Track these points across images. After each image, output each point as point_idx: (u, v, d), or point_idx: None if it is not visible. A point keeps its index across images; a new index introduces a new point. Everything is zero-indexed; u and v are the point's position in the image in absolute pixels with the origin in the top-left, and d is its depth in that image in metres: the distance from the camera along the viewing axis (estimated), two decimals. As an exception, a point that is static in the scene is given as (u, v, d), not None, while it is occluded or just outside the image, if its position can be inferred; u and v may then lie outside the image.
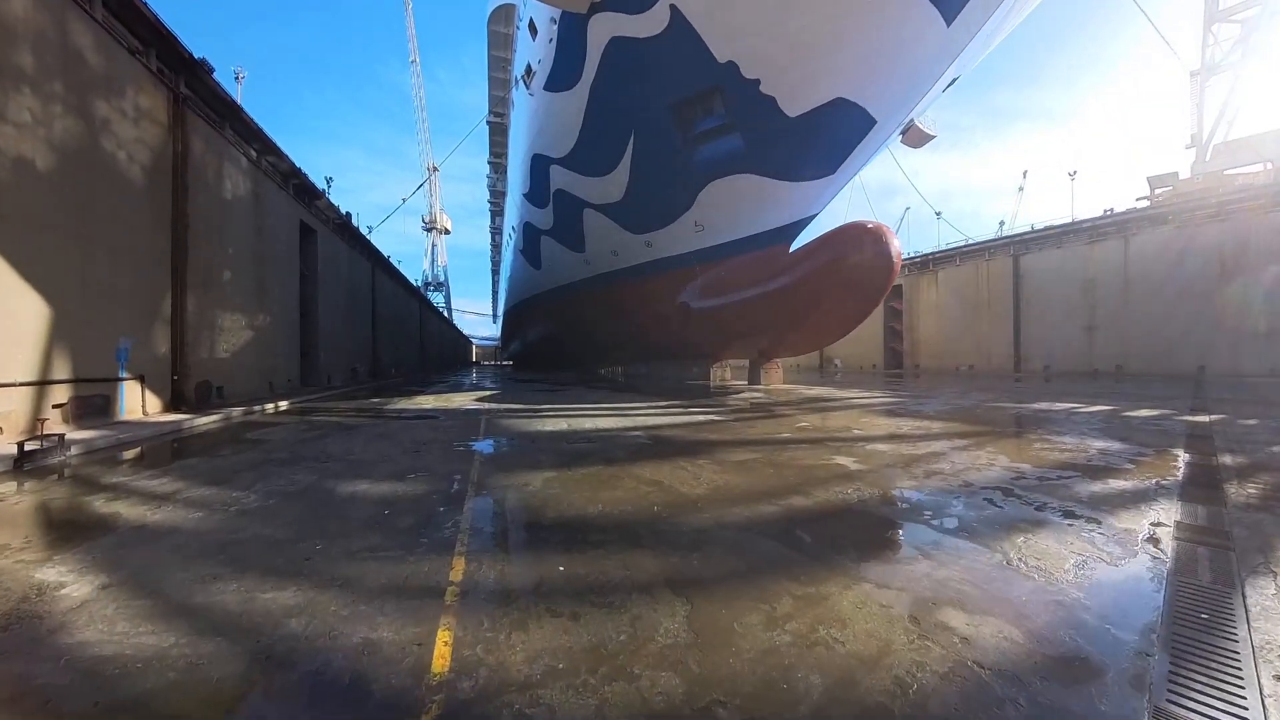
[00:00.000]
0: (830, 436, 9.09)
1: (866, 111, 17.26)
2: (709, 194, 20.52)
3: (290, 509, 4.59)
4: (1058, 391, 19.50)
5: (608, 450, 7.58)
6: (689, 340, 24.95)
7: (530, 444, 8.16)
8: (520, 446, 7.94)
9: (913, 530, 4.20)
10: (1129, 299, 34.50)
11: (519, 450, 7.62)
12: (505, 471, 6.15)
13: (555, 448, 7.74)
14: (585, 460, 6.83)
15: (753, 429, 9.91)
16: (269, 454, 7.25)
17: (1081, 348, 37.12)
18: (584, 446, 7.87)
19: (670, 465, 6.54)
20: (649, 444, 8.14)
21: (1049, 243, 40.83)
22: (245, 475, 5.92)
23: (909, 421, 10.91)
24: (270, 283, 17.77)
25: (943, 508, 4.74)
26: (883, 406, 14.28)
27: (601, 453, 7.39)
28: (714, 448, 7.83)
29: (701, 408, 13.76)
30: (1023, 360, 41.24)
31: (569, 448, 7.77)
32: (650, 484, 5.60)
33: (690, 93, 18.33)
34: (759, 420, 11.23)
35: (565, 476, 5.90)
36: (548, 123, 23.25)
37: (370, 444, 8.07)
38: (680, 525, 4.25)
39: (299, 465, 6.40)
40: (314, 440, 8.50)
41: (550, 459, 6.87)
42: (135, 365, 11.74)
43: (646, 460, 6.89)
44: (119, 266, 11.32)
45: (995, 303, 43.67)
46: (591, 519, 4.38)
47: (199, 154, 13.98)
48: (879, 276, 19.33)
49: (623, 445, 8.00)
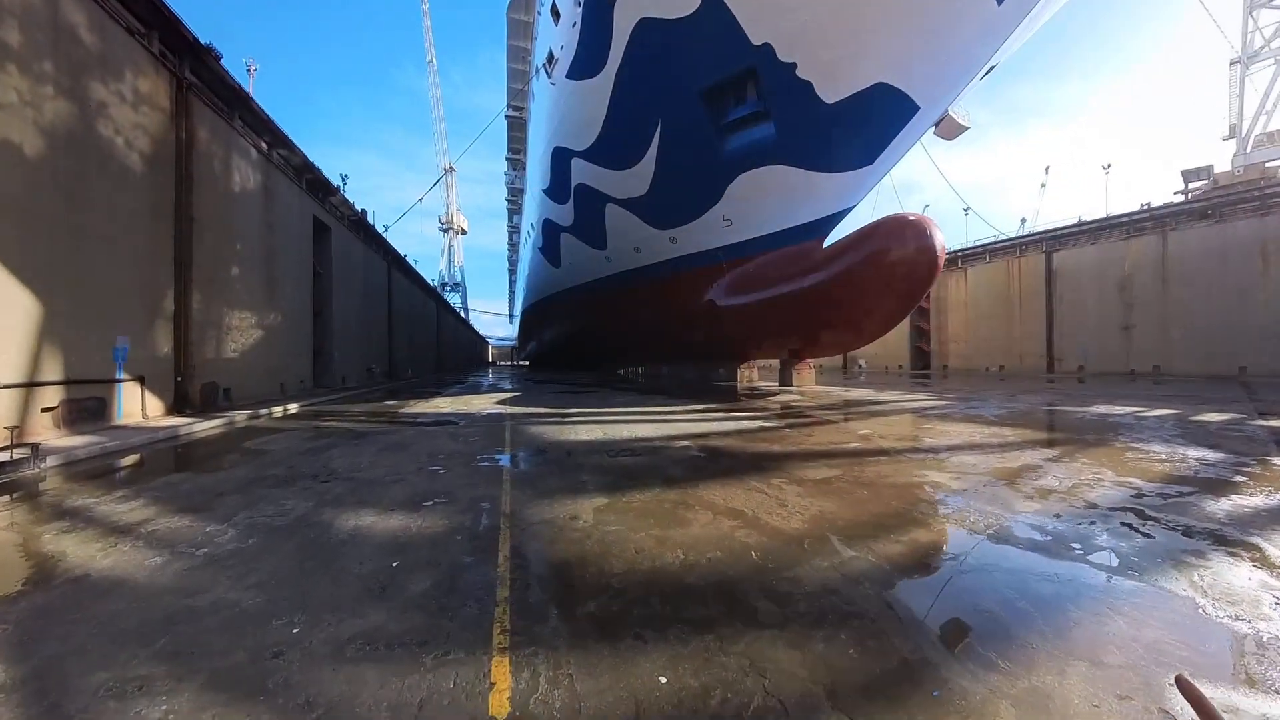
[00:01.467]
0: (904, 447, 7.99)
1: (909, 97, 16.11)
2: (738, 187, 19.44)
3: (271, 555, 3.56)
4: (1105, 394, 18.22)
5: (659, 466, 6.50)
6: (715, 339, 23.85)
7: (565, 457, 7.10)
8: (555, 461, 6.90)
9: (1078, 574, 3.41)
10: (1167, 297, 33.06)
11: (554, 466, 6.59)
12: (543, 497, 5.08)
13: (596, 463, 6.69)
14: (637, 480, 5.75)
15: (811, 438, 8.82)
16: (264, 469, 6.30)
17: (1117, 348, 35.67)
18: (629, 461, 6.79)
19: (742, 487, 5.45)
20: (704, 458, 7.06)
21: (1083, 238, 39.14)
22: (230, 500, 4.94)
23: (975, 428, 9.93)
24: (282, 280, 16.97)
25: (1086, 539, 3.99)
26: (935, 411, 13.11)
27: (652, 469, 6.31)
28: (781, 463, 6.73)
29: (743, 412, 12.65)
30: (1056, 361, 39.72)
31: (612, 462, 6.70)
32: (730, 515, 4.52)
33: (722, 78, 17.28)
34: (813, 427, 10.11)
35: (620, 505, 4.82)
36: (570, 113, 22.25)
37: (381, 457, 7.09)
38: (798, 583, 3.19)
39: (295, 486, 5.43)
40: (318, 452, 7.53)
41: (595, 479, 5.81)
42: (134, 366, 10.91)
43: (710, 480, 5.80)
44: (116, 260, 10.49)
45: (1027, 301, 42.21)
46: (675, 575, 3.29)
47: (204, 144, 13.16)
48: (922, 272, 18.04)
49: (674, 459, 6.91)
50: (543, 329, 47.44)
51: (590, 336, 36.44)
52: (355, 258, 25.10)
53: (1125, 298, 35.23)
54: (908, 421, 11.13)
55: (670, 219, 22.16)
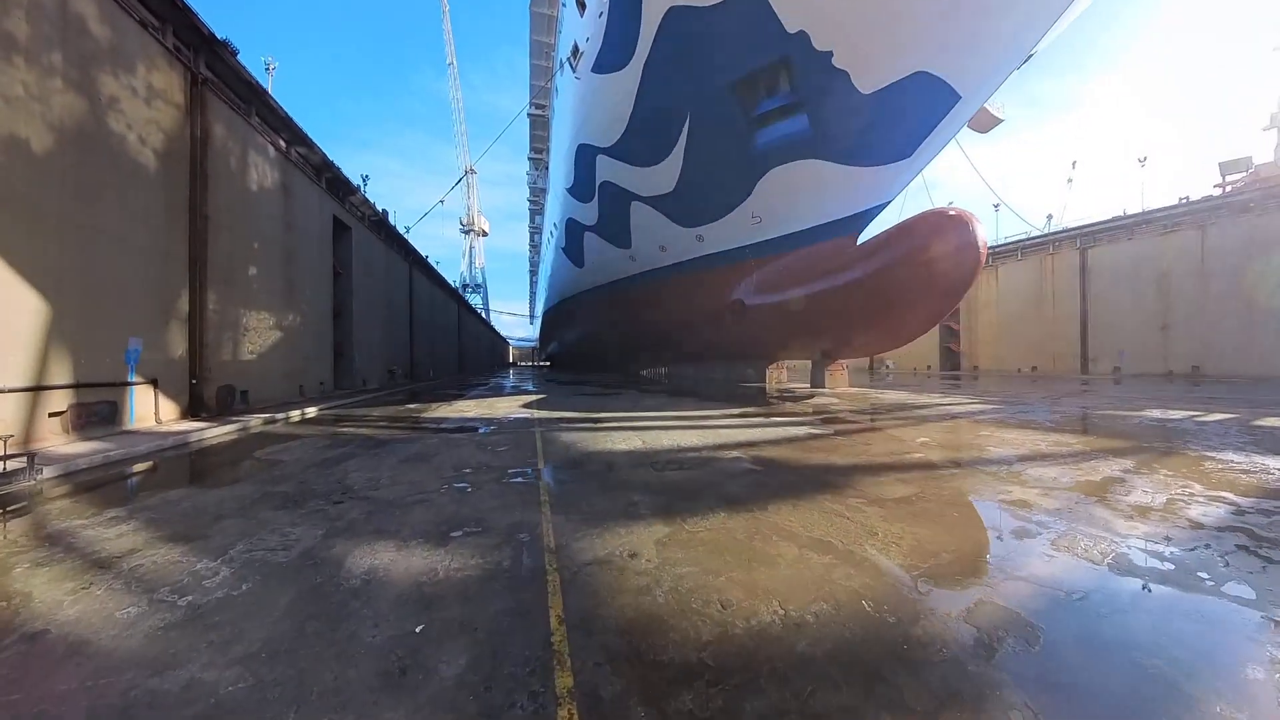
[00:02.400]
0: (971, 458, 7.18)
1: (950, 86, 15.25)
2: (769, 182, 18.73)
3: (266, 609, 2.87)
4: (1150, 396, 17.21)
5: (714, 482, 5.74)
6: (743, 340, 23.13)
7: (607, 471, 6.34)
8: (596, 476, 6.14)
9: (1224, 614, 2.94)
10: (1207, 294, 31.70)
11: (596, 483, 5.83)
12: (591, 525, 4.31)
13: (643, 479, 5.93)
14: (695, 501, 4.98)
15: (869, 447, 7.99)
16: (273, 484, 5.67)
17: (1154, 348, 34.32)
18: (679, 476, 6.03)
19: (818, 510, 4.69)
20: (761, 472, 6.28)
21: (1119, 234, 37.56)
22: (228, 525, 4.29)
23: (1035, 435, 9.14)
24: (300, 281, 16.55)
25: (1209, 566, 3.57)
26: (984, 416, 12.21)
27: (708, 486, 5.55)
28: (849, 478, 5.96)
29: (783, 416, 11.82)
30: (1090, 361, 38.43)
31: (661, 478, 5.94)
32: (817, 548, 3.78)
33: (754, 68, 16.58)
34: (865, 434, 9.27)
35: (685, 536, 4.06)
36: (595, 109, 21.63)
37: (402, 470, 6.41)
38: (934, 645, 2.49)
39: (304, 508, 4.76)
40: (333, 464, 6.86)
41: (646, 499, 5.05)
42: (147, 368, 10.48)
43: (777, 500, 5.03)
44: (128, 259, 10.05)
45: (1060, 300, 40.84)
46: (781, 641, 2.54)
47: (220, 140, 12.74)
48: (964, 270, 17.17)
49: (728, 474, 6.15)
50: (564, 330, 46.98)
51: (613, 337, 35.85)
52: (376, 258, 24.73)
53: (1163, 295, 33.90)
54: (962, 428, 10.28)
55: (697, 216, 21.52)
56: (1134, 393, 19.33)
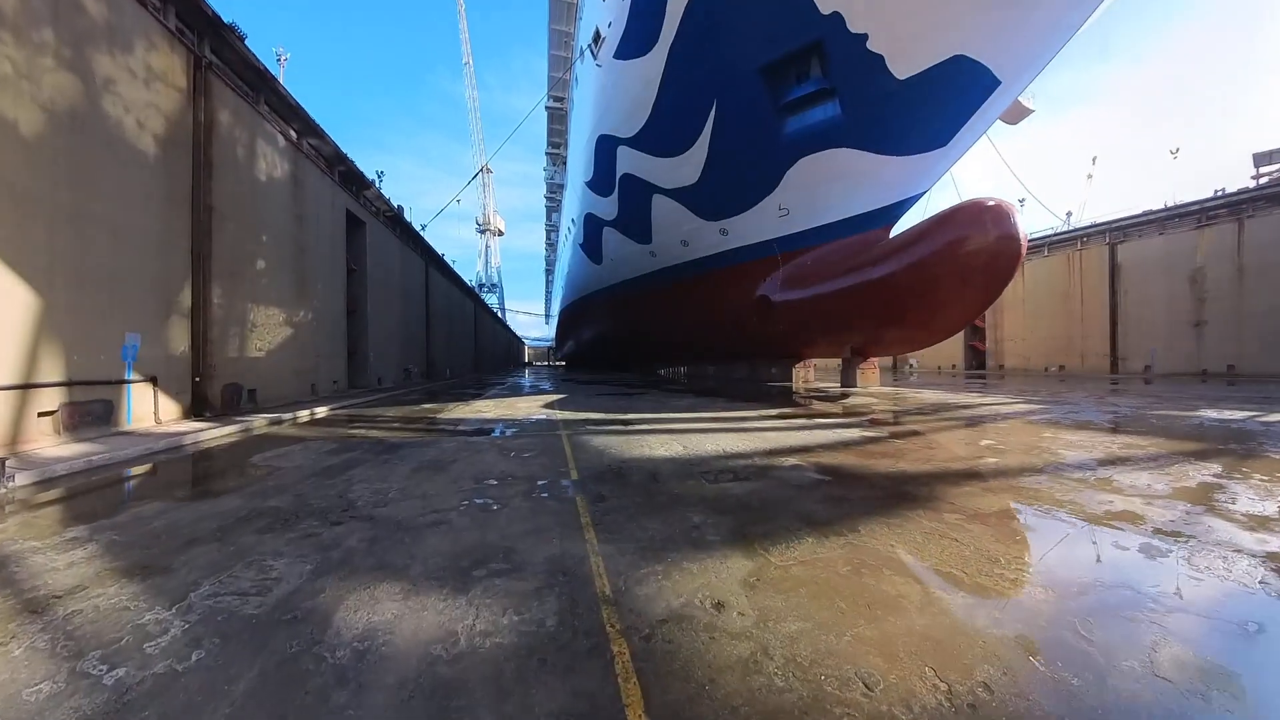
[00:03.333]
0: (1046, 462, 6.44)
1: (990, 72, 14.33)
2: (798, 173, 17.84)
3: (211, 702, 2.02)
4: (1197, 396, 16.22)
5: (784, 497, 4.84)
6: (768, 337, 22.17)
7: (652, 482, 5.47)
8: (641, 488, 5.29)
9: None
10: (1243, 291, 30.29)
11: (643, 497, 4.94)
12: (651, 558, 3.41)
13: (696, 491, 5.06)
14: (770, 522, 4.09)
15: (933, 451, 7.14)
16: (264, 498, 4.89)
17: (1188, 346, 32.94)
18: (740, 490, 5.14)
19: (916, 529, 3.89)
20: (831, 482, 5.42)
21: (1150, 229, 36.11)
22: (199, 554, 3.51)
23: (1101, 437, 8.46)
24: (312, 276, 15.93)
25: None
26: (1036, 416, 11.34)
27: (778, 503, 4.65)
28: (931, 488, 5.13)
29: (826, 418, 10.93)
30: (1120, 360, 37.05)
31: (718, 491, 5.07)
32: (943, 584, 2.96)
33: (785, 53, 15.72)
34: (923, 437, 8.37)
35: (775, 573, 3.16)
36: (617, 97, 20.84)
37: (415, 481, 5.62)
38: (1154, 712, 1.88)
39: (294, 530, 3.96)
40: (337, 472, 6.08)
41: (711, 521, 4.13)
42: (146, 365, 9.85)
43: (866, 518, 4.20)
44: (125, 250, 9.42)
45: (1089, 297, 39.42)
46: None
47: (226, 127, 12.12)
48: (1004, 263, 16.05)
49: (794, 485, 5.29)
50: (581, 328, 46.25)
51: (631, 335, 35.05)
52: (392, 255, 24.15)
53: (1196, 292, 32.47)
54: (1019, 430, 9.41)
55: (722, 209, 20.65)
56: (1175, 392, 18.48)
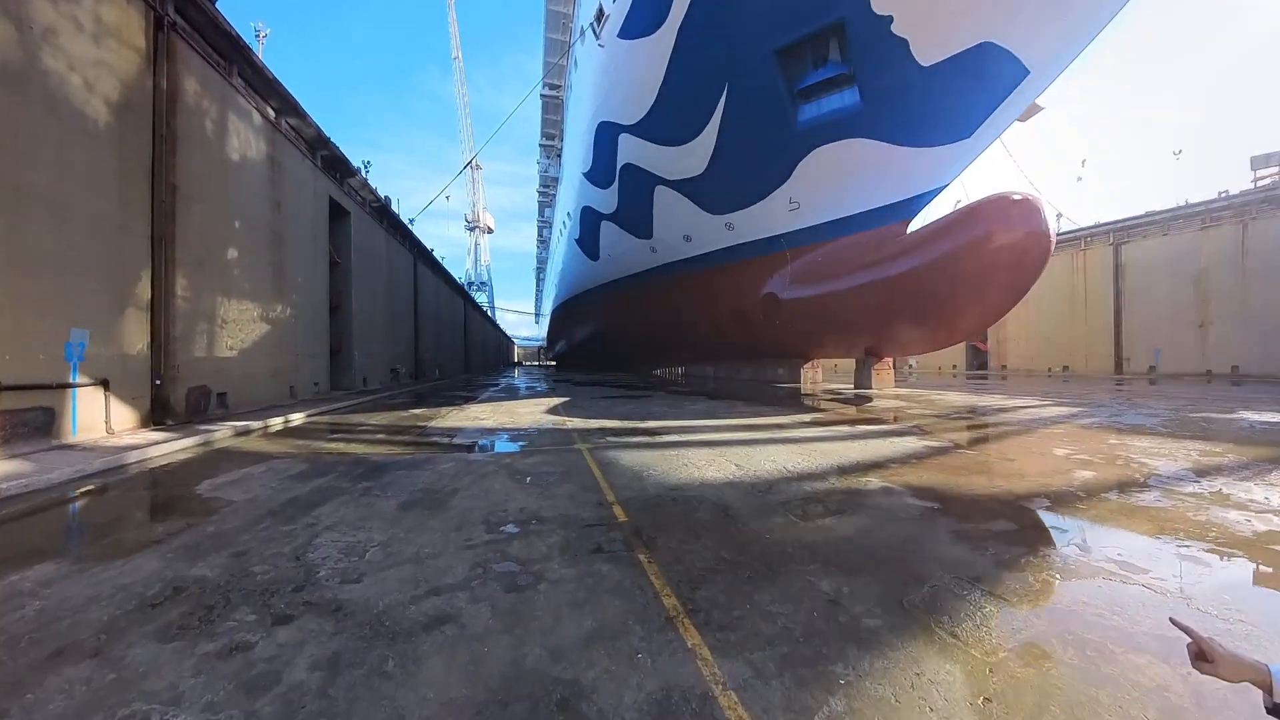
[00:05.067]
0: (1145, 474, 5.84)
1: (1018, 61, 13.49)
2: (811, 163, 16.85)
3: None
4: (1220, 397, 15.73)
5: (906, 539, 3.78)
6: (774, 337, 21.19)
7: (729, 523, 4.19)
8: (722, 536, 3.90)
9: None
10: (1247, 292, 30.45)
11: (734, 552, 3.59)
12: (809, 683, 2.18)
13: (796, 537, 3.84)
14: (924, 585, 3.05)
15: (1014, 464, 6.26)
16: (190, 561, 3.49)
17: (1192, 347, 33.06)
18: (846, 529, 3.98)
19: (1102, 582, 2.87)
20: (941, 512, 4.41)
21: (1154, 229, 35.99)
22: (54, 686, 2.22)
23: (1171, 443, 7.74)
24: (291, 267, 14.62)
25: None
26: (1079, 420, 10.65)
27: (911, 550, 3.57)
28: (1054, 513, 4.27)
29: (869, 424, 9.90)
30: (1125, 360, 37.00)
31: (820, 533, 3.90)
32: None
33: (802, 34, 14.70)
34: (987, 446, 7.39)
35: (1001, 684, 2.13)
36: (620, 81, 19.67)
37: (403, 528, 4.13)
38: None
39: (213, 638, 2.53)
40: (300, 511, 4.64)
41: (850, 590, 3.00)
42: (95, 366, 8.58)
43: (1034, 565, 3.22)
44: (70, 232, 8.15)
45: (1093, 297, 39.17)
46: None
47: (192, 98, 10.84)
48: (1032, 259, 15.20)
49: (905, 518, 4.25)
50: (574, 327, 45.00)
51: (627, 335, 33.93)
52: (378, 248, 22.82)
53: (1201, 293, 32.57)
54: (1082, 435, 8.60)
55: (728, 202, 19.61)
56: (1192, 393, 18.06)
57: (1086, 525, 4.13)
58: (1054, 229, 15.61)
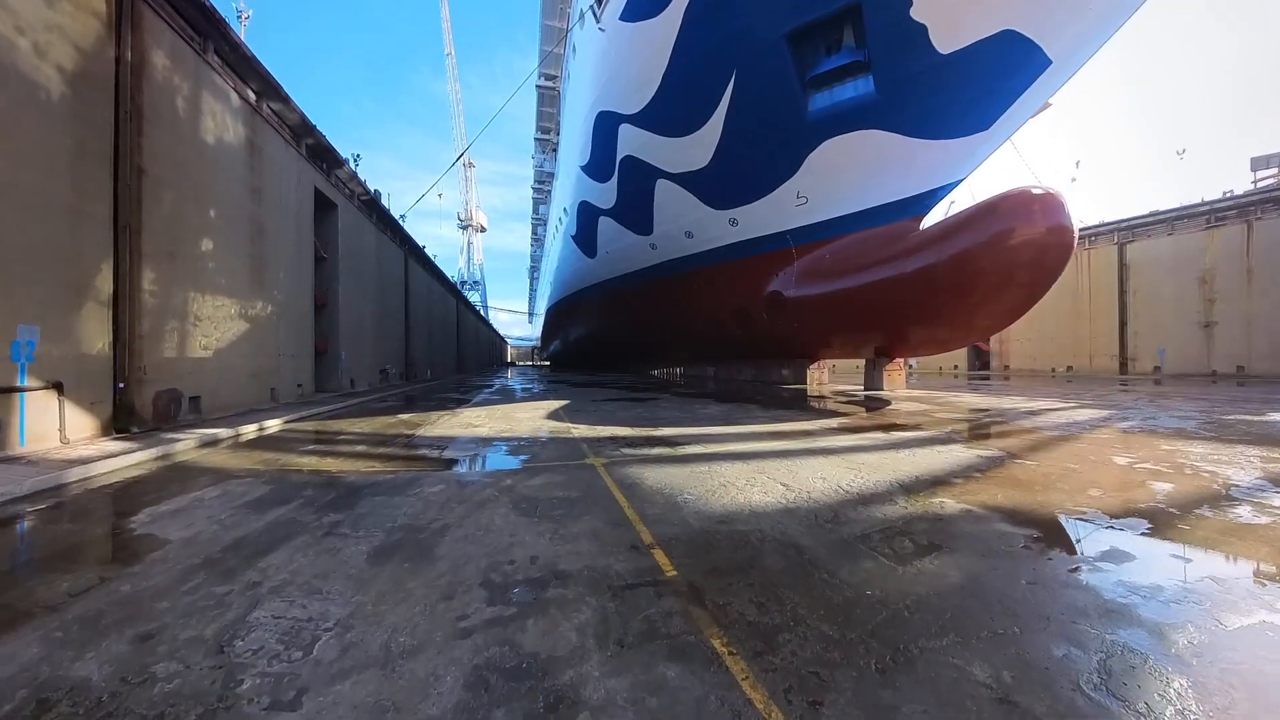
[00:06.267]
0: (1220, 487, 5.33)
1: (1041, 50, 12.87)
2: (821, 156, 16.13)
3: None
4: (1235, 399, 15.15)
5: (1031, 590, 2.96)
6: (779, 337, 20.44)
7: (811, 572, 3.27)
8: (811, 595, 2.99)
9: None
10: (1252, 292, 30.40)
11: (837, 627, 2.64)
12: None
13: (901, 591, 2.98)
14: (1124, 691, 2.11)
15: (1082, 474, 5.57)
16: (77, 652, 2.42)
17: (1197, 347, 32.97)
18: (956, 576, 3.16)
19: None
20: (1042, 542, 3.63)
21: (1159, 229, 35.81)
22: None
23: (1226, 449, 7.25)
24: (273, 261, 13.67)
25: None
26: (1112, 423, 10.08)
27: (1058, 607, 2.76)
28: (1169, 541, 3.52)
29: (902, 429, 9.12)
30: (1130, 361, 36.85)
31: (925, 582, 3.06)
32: None
33: (816, 17, 13.98)
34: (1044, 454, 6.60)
35: None
36: (622, 67, 18.85)
37: (372, 595, 3.06)
38: None
39: None
40: (243, 562, 3.53)
41: (1021, 681, 2.14)
42: (48, 368, 7.66)
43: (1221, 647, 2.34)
44: (13, 216, 7.23)
45: (1097, 297, 38.81)
46: None
47: (162, 73, 9.91)
48: (1054, 257, 14.51)
49: (1012, 555, 3.46)
50: (569, 327, 44.11)
51: (625, 335, 33.10)
52: (367, 243, 21.85)
53: (1206, 293, 32.42)
54: (1131, 441, 7.96)
55: (733, 197, 18.85)
56: (1206, 393, 17.52)
57: (1209, 555, 3.48)
58: (1077, 225, 14.93)
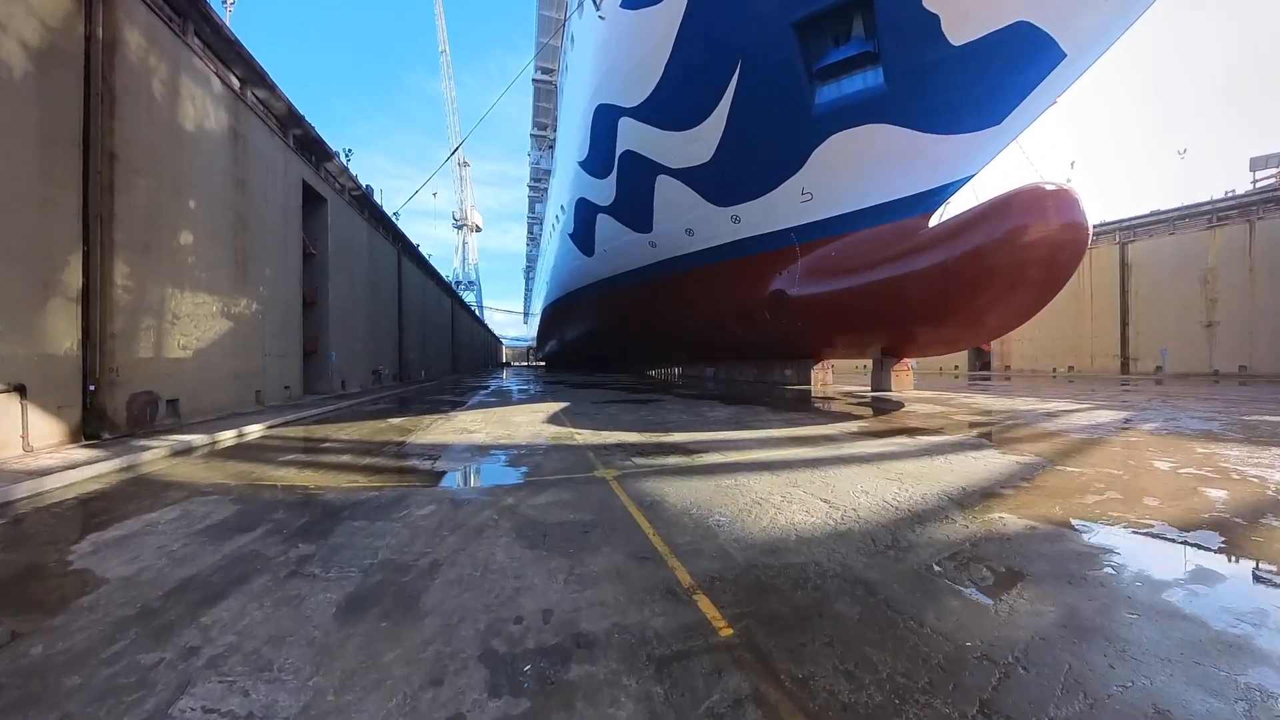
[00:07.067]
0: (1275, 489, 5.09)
1: (1055, 43, 12.56)
2: (828, 151, 15.69)
3: None
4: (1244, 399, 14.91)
5: (1133, 628, 2.46)
6: (782, 337, 19.99)
7: (888, 619, 2.60)
8: (911, 666, 2.24)
9: None
10: (1254, 292, 30.20)
11: (954, 708, 1.95)
12: None
13: (1004, 639, 2.40)
14: None
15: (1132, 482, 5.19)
16: None
17: (1199, 347, 32.75)
18: (1049, 611, 2.65)
19: None
20: (1120, 561, 3.19)
21: (1160, 228, 35.58)
22: None
23: (1265, 452, 6.91)
24: (258, 257, 13.03)
25: None
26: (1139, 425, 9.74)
27: (1169, 649, 2.27)
28: (1247, 554, 2.98)
29: (927, 433, 8.61)
30: (1131, 361, 36.48)
31: (1027, 631, 2.46)
32: None
33: (825, 5, 13.52)
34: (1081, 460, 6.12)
35: None
36: (622, 57, 18.31)
37: (336, 676, 2.22)
38: None
39: None
40: (179, 621, 2.68)
41: None
42: (9, 369, 7.03)
43: None
44: (-32, 202, 6.63)
45: (1099, 296, 38.66)
46: None
47: (137, 53, 9.29)
48: (1067, 255, 14.12)
49: (1092, 583, 2.94)
50: (566, 327, 43.54)
51: (623, 334, 32.56)
52: (359, 240, 21.20)
53: (1208, 292, 32.19)
54: (1167, 445, 7.58)
55: (736, 193, 18.39)
56: (1213, 393, 17.23)
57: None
58: (1090, 222, 14.49)
